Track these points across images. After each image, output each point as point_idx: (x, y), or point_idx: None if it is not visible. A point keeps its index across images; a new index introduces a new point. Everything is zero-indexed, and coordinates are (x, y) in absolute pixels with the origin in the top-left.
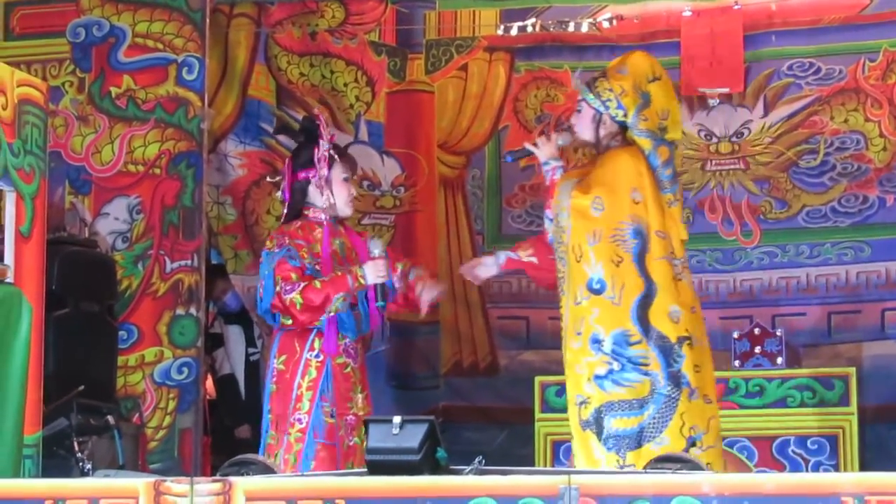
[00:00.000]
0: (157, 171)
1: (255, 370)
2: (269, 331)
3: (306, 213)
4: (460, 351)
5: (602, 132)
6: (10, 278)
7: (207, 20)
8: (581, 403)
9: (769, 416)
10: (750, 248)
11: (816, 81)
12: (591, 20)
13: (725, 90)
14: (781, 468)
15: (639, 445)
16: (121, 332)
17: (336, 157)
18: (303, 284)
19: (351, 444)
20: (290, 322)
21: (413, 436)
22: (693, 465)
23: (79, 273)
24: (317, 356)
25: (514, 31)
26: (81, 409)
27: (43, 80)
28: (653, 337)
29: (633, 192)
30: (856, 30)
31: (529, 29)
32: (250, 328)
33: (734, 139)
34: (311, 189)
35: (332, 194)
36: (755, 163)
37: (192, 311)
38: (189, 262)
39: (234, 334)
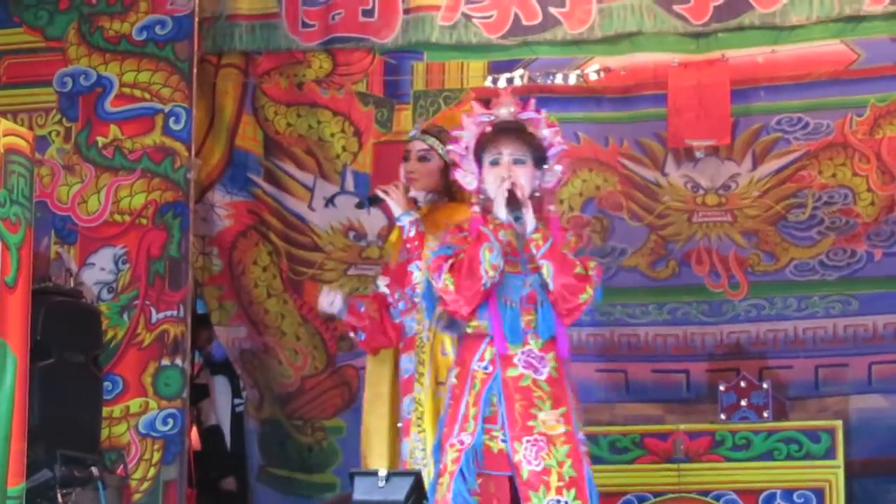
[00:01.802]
0: (144, 221)
1: (240, 421)
2: (254, 383)
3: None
4: None
5: (445, 183)
6: None
7: (195, 70)
8: None
9: (756, 469)
10: (737, 300)
11: (805, 136)
12: (578, 72)
13: (712, 142)
14: None
15: None
16: (106, 383)
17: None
18: (449, 262)
19: (538, 468)
20: (468, 327)
21: (399, 488)
22: None
23: (64, 323)
24: (485, 367)
25: (501, 83)
26: (65, 460)
27: (29, 129)
28: None
29: None
30: (843, 85)
31: (517, 80)
32: (236, 379)
33: (721, 191)
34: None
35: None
36: (743, 216)
37: (178, 361)
38: (175, 312)
39: (220, 385)
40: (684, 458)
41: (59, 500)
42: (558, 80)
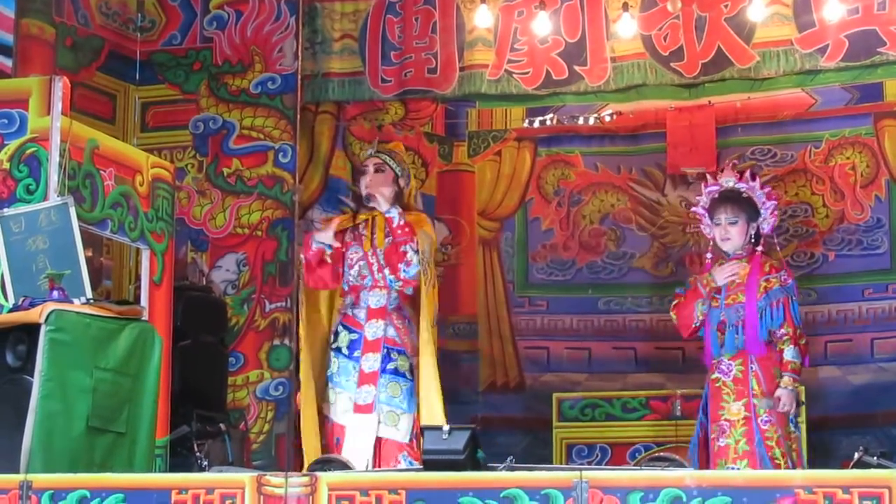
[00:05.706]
0: (259, 233)
1: None
2: None
3: None
4: (495, 373)
5: (397, 191)
6: (145, 317)
7: (298, 116)
8: None
9: None
10: None
11: (773, 163)
12: (595, 115)
13: (701, 170)
14: None
15: None
16: (230, 359)
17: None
18: (676, 301)
19: (721, 444)
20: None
21: (459, 440)
22: (678, 464)
23: (198, 313)
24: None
25: (536, 125)
26: (200, 418)
27: (170, 162)
28: None
29: None
30: (804, 123)
31: (548, 123)
32: None
33: None
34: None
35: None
36: None
37: (286, 342)
38: (283, 304)
39: None
40: (681, 416)
41: (195, 448)
42: (580, 122)
